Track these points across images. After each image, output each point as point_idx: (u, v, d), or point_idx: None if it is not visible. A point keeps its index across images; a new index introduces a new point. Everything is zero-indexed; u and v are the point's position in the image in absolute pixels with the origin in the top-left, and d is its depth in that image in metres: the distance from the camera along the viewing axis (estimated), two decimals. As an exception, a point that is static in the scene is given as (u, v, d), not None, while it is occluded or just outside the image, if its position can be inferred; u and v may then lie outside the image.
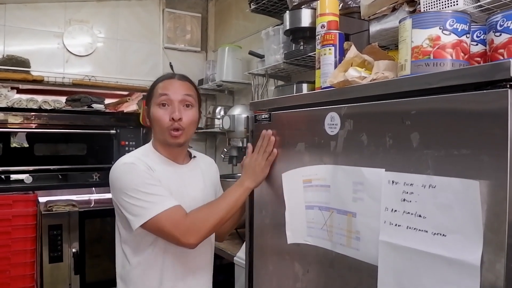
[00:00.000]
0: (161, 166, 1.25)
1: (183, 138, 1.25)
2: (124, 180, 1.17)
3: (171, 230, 1.13)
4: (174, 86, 1.25)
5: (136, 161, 1.20)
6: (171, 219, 1.13)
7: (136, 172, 1.17)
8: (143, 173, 1.17)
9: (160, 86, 1.26)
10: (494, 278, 0.66)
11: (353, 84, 0.96)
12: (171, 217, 1.13)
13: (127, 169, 1.18)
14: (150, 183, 1.16)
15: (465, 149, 0.70)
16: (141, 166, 1.18)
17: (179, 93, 1.24)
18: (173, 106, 1.22)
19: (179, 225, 1.12)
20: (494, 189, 0.66)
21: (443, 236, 0.73)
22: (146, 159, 1.22)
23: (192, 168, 1.34)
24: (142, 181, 1.15)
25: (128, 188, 1.15)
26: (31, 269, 2.40)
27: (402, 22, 0.91)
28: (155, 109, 1.24)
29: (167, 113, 1.22)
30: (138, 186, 1.15)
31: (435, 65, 0.85)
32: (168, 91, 1.23)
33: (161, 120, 1.22)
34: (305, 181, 1.05)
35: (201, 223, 1.14)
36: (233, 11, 3.05)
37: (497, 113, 0.65)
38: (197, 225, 1.13)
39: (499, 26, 0.86)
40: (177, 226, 1.12)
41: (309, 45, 1.72)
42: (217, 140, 3.27)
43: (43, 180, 2.67)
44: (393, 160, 0.83)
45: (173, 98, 1.23)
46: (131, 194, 1.15)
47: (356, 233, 0.91)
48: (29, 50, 2.70)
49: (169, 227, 1.13)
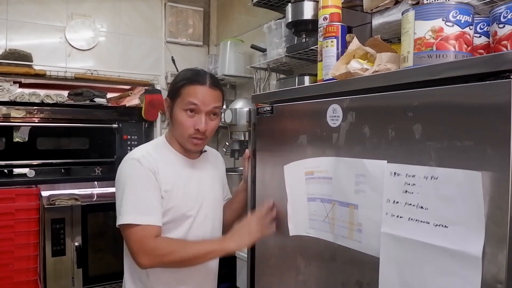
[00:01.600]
0: (172, 162, 1.25)
1: (203, 146, 1.28)
2: (124, 175, 1.18)
3: (131, 244, 1.14)
4: (205, 96, 1.20)
5: (143, 158, 1.19)
6: (136, 234, 1.13)
7: (136, 172, 1.17)
8: (143, 174, 1.16)
9: (190, 91, 1.20)
10: (496, 270, 0.66)
11: (355, 76, 0.96)
12: (137, 232, 1.13)
13: (130, 166, 1.19)
14: (140, 192, 1.16)
15: (468, 141, 0.70)
16: (145, 165, 1.17)
17: (209, 105, 1.20)
18: (200, 117, 1.20)
19: (141, 243, 1.12)
20: (497, 181, 0.66)
21: (445, 227, 0.73)
22: (156, 154, 1.22)
23: (203, 163, 1.34)
24: (135, 185, 1.16)
25: (124, 185, 1.17)
26: (34, 263, 2.41)
27: (405, 14, 0.91)
28: (180, 113, 1.21)
29: (192, 122, 1.20)
30: (132, 187, 1.15)
31: (438, 57, 0.85)
32: (198, 101, 1.19)
33: (185, 127, 1.20)
34: (307, 173, 1.05)
35: (163, 253, 1.13)
36: (235, 5, 3.04)
37: (500, 104, 0.65)
38: (158, 252, 1.12)
39: (503, 18, 0.85)
40: (138, 243, 1.12)
41: (311, 38, 1.72)
42: (219, 134, 3.27)
43: (45, 174, 2.68)
44: (395, 152, 0.83)
45: (202, 109, 1.20)
46: (124, 191, 1.16)
47: (358, 225, 0.91)
48: (31, 44, 2.70)
49: (131, 241, 1.14)
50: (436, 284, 0.74)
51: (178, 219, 1.23)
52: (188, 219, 1.24)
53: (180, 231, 1.23)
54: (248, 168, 1.31)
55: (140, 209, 1.14)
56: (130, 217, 1.13)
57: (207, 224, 1.30)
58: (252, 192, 1.29)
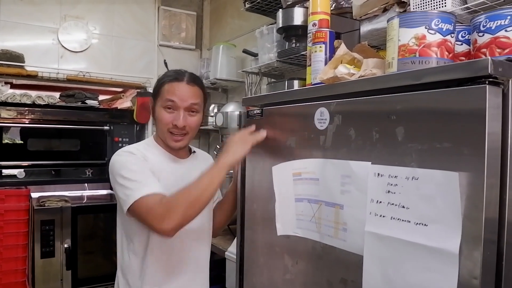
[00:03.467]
0: (160, 160, 1.27)
1: (184, 143, 1.28)
2: (118, 164, 1.20)
3: (146, 216, 1.10)
4: (182, 92, 1.23)
5: (134, 150, 1.23)
6: (145, 205, 1.10)
7: (129, 159, 1.20)
8: (134, 159, 1.19)
9: (167, 89, 1.24)
10: (472, 265, 0.70)
11: (342, 80, 0.99)
12: (146, 203, 1.10)
13: (122, 155, 1.22)
14: (136, 170, 1.17)
15: (447, 143, 0.73)
16: (136, 154, 1.21)
17: (186, 101, 1.23)
18: (178, 113, 1.23)
19: (153, 211, 1.09)
20: (473, 181, 0.69)
21: (425, 226, 0.76)
22: (146, 152, 1.25)
23: (192, 163, 1.37)
24: (130, 167, 1.17)
25: (119, 173, 1.17)
26: (23, 264, 2.40)
27: (390, 21, 0.95)
28: (159, 110, 1.25)
29: (171, 117, 1.23)
30: (126, 171, 1.16)
31: (421, 63, 0.88)
32: (175, 98, 1.22)
33: (164, 123, 1.24)
34: (295, 174, 1.07)
35: (175, 206, 1.08)
36: (228, 9, 3.07)
37: (476, 108, 0.69)
38: (171, 209, 1.07)
39: (482, 27, 0.89)
40: (151, 212, 1.09)
41: (301, 43, 1.75)
42: (211, 138, 3.29)
43: (36, 175, 2.67)
44: (379, 153, 0.86)
45: (180, 105, 1.23)
46: (121, 179, 1.16)
47: (343, 224, 0.94)
48: (24, 45, 2.70)
49: (144, 214, 1.10)
50: (417, 280, 0.77)
51: None
52: None
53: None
54: (238, 169, 1.33)
55: (137, 185, 1.13)
56: (133, 195, 1.11)
57: (194, 222, 1.31)
58: (241, 193, 1.31)
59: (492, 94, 0.68)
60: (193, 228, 1.29)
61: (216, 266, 2.02)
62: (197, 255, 1.34)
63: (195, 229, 1.30)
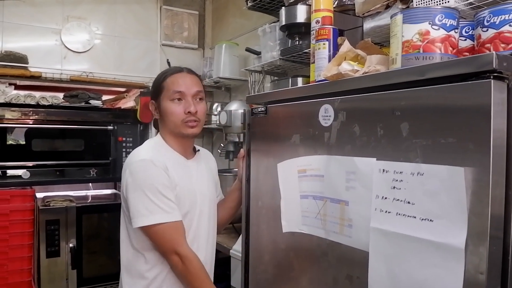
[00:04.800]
0: (172, 162, 1.27)
1: (198, 130, 1.30)
2: (140, 176, 1.19)
3: (166, 243, 1.19)
4: (186, 81, 1.28)
5: (154, 158, 1.21)
6: (171, 235, 1.19)
7: (154, 171, 1.19)
8: (161, 173, 1.19)
9: (172, 81, 1.28)
10: (477, 261, 0.70)
11: (346, 77, 0.99)
12: (171, 232, 1.19)
13: (145, 166, 1.20)
14: (167, 187, 1.19)
15: (452, 138, 0.73)
16: (158, 165, 1.20)
17: (192, 88, 1.28)
18: (188, 101, 1.26)
19: (176, 244, 1.18)
20: (478, 175, 0.69)
21: (430, 221, 0.76)
22: (159, 155, 1.24)
23: (198, 163, 1.37)
24: (159, 181, 1.18)
25: (143, 186, 1.17)
26: (29, 264, 2.41)
27: (393, 18, 0.95)
28: (167, 104, 1.26)
29: (182, 107, 1.26)
30: (154, 186, 1.17)
31: (425, 59, 0.88)
32: (181, 88, 1.27)
33: (176, 114, 1.26)
34: (300, 171, 1.08)
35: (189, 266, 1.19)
36: (230, 8, 3.07)
37: (481, 103, 0.69)
38: (187, 262, 1.18)
39: (486, 22, 0.89)
40: (173, 243, 1.19)
41: (304, 41, 1.75)
42: (214, 137, 3.29)
43: (40, 176, 2.67)
44: (384, 149, 0.86)
45: (187, 93, 1.27)
46: (144, 192, 1.17)
47: (348, 220, 0.94)
48: (27, 46, 2.71)
49: (165, 240, 1.19)
50: (423, 275, 0.78)
51: (183, 217, 1.24)
52: (187, 217, 1.26)
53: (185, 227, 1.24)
54: (242, 167, 1.34)
55: (164, 207, 1.17)
56: (157, 216, 1.17)
57: (203, 223, 1.32)
58: (246, 190, 1.32)
59: (497, 89, 0.68)
60: (202, 234, 1.30)
61: (221, 264, 2.02)
62: (206, 256, 1.34)
63: (204, 235, 1.31)
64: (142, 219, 1.17)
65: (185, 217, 1.24)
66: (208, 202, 1.34)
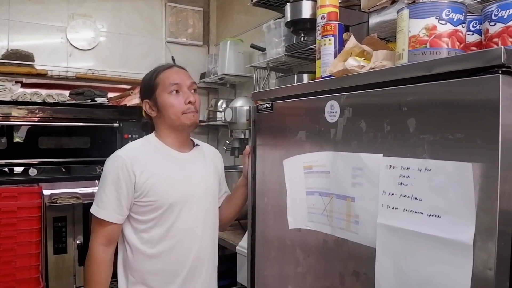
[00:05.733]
0: (158, 155, 1.29)
1: (198, 119, 1.34)
2: (105, 168, 1.27)
3: (91, 230, 1.27)
4: (179, 74, 1.33)
5: (126, 154, 1.26)
6: (94, 226, 1.25)
7: (114, 166, 1.24)
8: (116, 171, 1.23)
9: (166, 76, 1.31)
10: (486, 256, 0.69)
11: (352, 73, 0.99)
12: (95, 225, 1.25)
13: (110, 160, 1.27)
14: (119, 184, 1.22)
15: (459, 133, 0.73)
16: (123, 161, 1.23)
17: (188, 80, 1.33)
18: (185, 91, 1.31)
19: (92, 236, 1.26)
20: (486, 171, 0.69)
21: (437, 217, 0.76)
22: (142, 149, 1.29)
23: (195, 156, 1.38)
24: (113, 176, 1.23)
25: (102, 177, 1.26)
26: (36, 260, 2.43)
27: (399, 12, 0.94)
28: (166, 97, 1.29)
29: (181, 98, 1.29)
30: (104, 181, 1.24)
31: (432, 54, 0.88)
32: (177, 80, 1.30)
33: (176, 106, 1.28)
34: (306, 168, 1.08)
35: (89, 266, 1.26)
36: (235, 5, 3.07)
37: (489, 98, 0.68)
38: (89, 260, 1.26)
39: (494, 16, 0.88)
40: (92, 233, 1.26)
41: (309, 37, 1.75)
42: (219, 133, 3.30)
43: (47, 173, 2.70)
44: (391, 145, 0.86)
45: (183, 84, 1.31)
46: (101, 183, 1.25)
47: (355, 217, 0.94)
48: (33, 44, 2.72)
49: (92, 228, 1.27)
50: (430, 271, 0.77)
51: (165, 210, 1.26)
52: (175, 210, 1.27)
53: (168, 219, 1.26)
54: (248, 164, 1.34)
55: (100, 202, 1.24)
56: (94, 207, 1.25)
57: (199, 215, 1.32)
58: (252, 187, 1.32)
59: (505, 83, 0.67)
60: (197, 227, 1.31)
61: (227, 260, 2.03)
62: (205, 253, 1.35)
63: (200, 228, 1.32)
64: (93, 207, 1.26)
65: (169, 208, 1.26)
66: (204, 194, 1.34)
